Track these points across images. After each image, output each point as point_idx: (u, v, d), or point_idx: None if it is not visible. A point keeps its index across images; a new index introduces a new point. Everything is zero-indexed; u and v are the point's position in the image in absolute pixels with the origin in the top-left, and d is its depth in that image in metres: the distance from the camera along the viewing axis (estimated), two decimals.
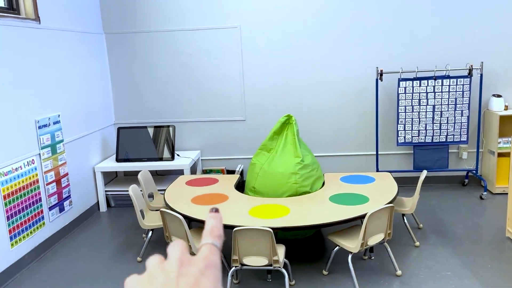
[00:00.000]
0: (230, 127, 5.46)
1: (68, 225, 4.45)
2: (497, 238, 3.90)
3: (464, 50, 5.04)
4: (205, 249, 0.46)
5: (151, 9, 5.24)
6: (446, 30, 5.02)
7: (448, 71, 4.94)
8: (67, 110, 4.50)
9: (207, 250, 0.46)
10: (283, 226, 3.12)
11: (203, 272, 0.43)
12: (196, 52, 5.30)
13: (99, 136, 5.16)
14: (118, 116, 5.53)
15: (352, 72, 5.20)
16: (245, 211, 3.41)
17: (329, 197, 3.61)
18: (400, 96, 4.96)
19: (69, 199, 4.49)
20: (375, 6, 5.04)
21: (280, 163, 3.86)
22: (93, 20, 5.12)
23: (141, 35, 5.32)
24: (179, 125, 5.48)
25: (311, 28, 5.15)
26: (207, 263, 0.44)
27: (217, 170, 5.43)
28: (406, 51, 5.10)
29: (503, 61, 5.03)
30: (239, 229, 2.92)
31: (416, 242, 3.83)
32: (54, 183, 4.21)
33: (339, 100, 5.27)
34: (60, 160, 4.32)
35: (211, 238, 0.48)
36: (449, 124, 4.96)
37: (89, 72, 4.98)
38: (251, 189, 3.97)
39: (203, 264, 0.44)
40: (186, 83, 5.39)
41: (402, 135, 5.04)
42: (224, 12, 5.19)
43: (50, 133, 4.16)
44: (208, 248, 0.46)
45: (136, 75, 5.42)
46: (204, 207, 3.54)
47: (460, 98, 4.90)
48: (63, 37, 4.46)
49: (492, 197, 4.89)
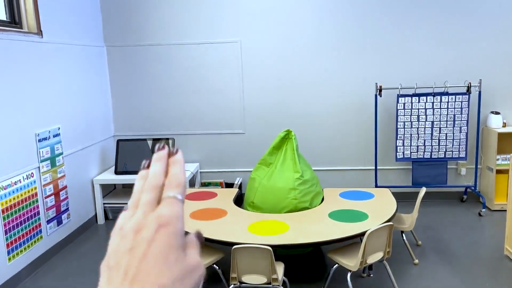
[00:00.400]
0: (229, 140, 5.47)
1: (65, 239, 4.43)
2: (495, 256, 3.90)
3: (463, 67, 5.08)
4: (163, 206, 0.40)
5: (153, 22, 5.28)
6: (445, 47, 5.07)
7: (447, 88, 4.97)
8: (67, 122, 4.50)
9: (165, 207, 0.40)
10: (283, 244, 3.11)
11: (154, 238, 0.38)
12: (196, 65, 5.33)
13: (98, 148, 5.16)
14: (118, 129, 5.54)
15: (351, 87, 5.23)
16: (244, 227, 3.41)
17: (329, 214, 3.61)
18: (399, 112, 4.99)
19: (67, 212, 4.47)
20: (375, 22, 5.08)
21: (279, 178, 3.87)
22: (94, 33, 5.15)
23: (142, 48, 5.34)
24: (179, 137, 5.48)
25: (311, 44, 5.18)
26: (160, 222, 0.39)
27: (215, 183, 5.42)
28: (405, 68, 5.13)
29: (501, 78, 5.07)
30: (238, 247, 2.92)
31: (415, 259, 3.82)
32: (52, 196, 4.20)
33: (339, 115, 5.29)
34: (59, 173, 4.32)
35: (172, 190, 0.41)
36: (447, 140, 4.98)
37: (89, 84, 5.00)
38: (250, 204, 3.96)
39: (155, 225, 0.39)
40: (186, 96, 5.41)
41: (401, 151, 5.06)
42: (225, 26, 5.22)
43: (50, 146, 4.16)
44: (168, 204, 0.40)
45: (136, 87, 5.44)
46: (203, 222, 3.53)
47: (459, 115, 4.93)
48: (64, 51, 4.48)
49: (490, 214, 4.89)
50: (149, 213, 0.40)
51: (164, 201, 0.41)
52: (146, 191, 0.42)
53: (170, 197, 0.41)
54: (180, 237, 0.39)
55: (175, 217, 0.40)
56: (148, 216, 0.40)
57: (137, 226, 0.39)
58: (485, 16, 4.98)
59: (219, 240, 3.20)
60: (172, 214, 0.40)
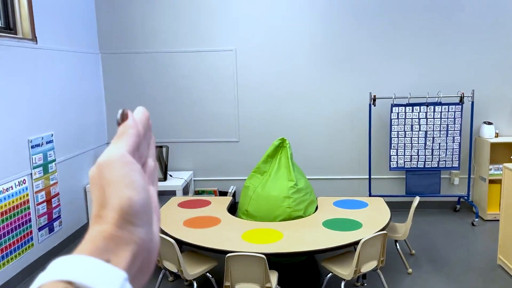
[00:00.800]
0: (224, 148, 5.46)
1: (57, 246, 4.38)
2: (488, 266, 3.90)
3: (456, 77, 5.13)
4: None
5: (148, 30, 5.29)
6: (438, 58, 5.12)
7: (440, 98, 5.01)
8: (60, 129, 4.48)
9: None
10: (276, 252, 3.09)
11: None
12: (191, 73, 5.34)
13: (91, 155, 5.13)
14: (112, 136, 5.51)
15: (345, 96, 5.26)
16: (238, 235, 3.39)
17: (323, 222, 3.60)
18: (393, 122, 5.01)
19: (59, 219, 4.43)
20: (369, 33, 5.12)
21: (273, 187, 3.86)
22: (89, 40, 5.15)
23: (137, 56, 5.34)
24: (173, 145, 5.47)
25: (306, 53, 5.21)
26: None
27: (209, 191, 5.40)
28: (399, 77, 5.17)
29: (493, 89, 5.12)
30: (232, 255, 2.90)
31: (408, 269, 3.82)
32: (44, 203, 4.16)
33: (333, 124, 5.31)
34: (51, 179, 4.28)
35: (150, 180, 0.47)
36: (441, 150, 5.01)
37: (84, 91, 4.98)
38: (244, 212, 3.95)
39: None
40: (181, 104, 5.40)
41: (394, 160, 5.07)
42: (220, 35, 5.24)
43: (42, 152, 4.13)
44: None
45: (131, 95, 5.43)
46: (196, 230, 3.51)
47: (452, 125, 4.96)
48: (59, 57, 4.47)
49: (483, 224, 4.91)
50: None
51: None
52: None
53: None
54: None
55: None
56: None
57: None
58: (478, 28, 5.04)
59: (213, 248, 3.18)
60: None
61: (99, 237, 0.39)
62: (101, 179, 0.41)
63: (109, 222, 0.39)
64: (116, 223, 0.39)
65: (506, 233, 3.78)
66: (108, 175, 0.41)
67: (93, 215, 0.41)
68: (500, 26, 5.03)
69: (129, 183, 0.41)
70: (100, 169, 0.42)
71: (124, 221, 0.40)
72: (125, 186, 0.40)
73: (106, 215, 0.40)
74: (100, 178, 0.41)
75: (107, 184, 0.41)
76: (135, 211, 0.40)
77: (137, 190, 0.41)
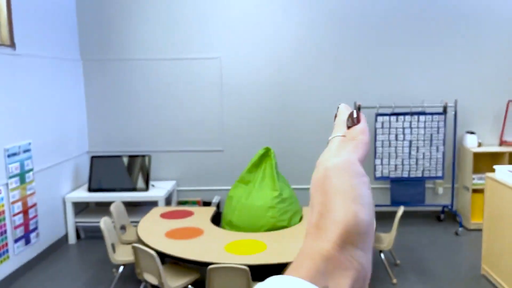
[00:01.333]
0: (208, 157, 5.39)
1: (34, 259, 4.24)
2: (472, 276, 3.89)
3: (439, 87, 5.16)
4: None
5: (131, 37, 5.22)
6: (422, 68, 5.15)
7: (424, 108, 5.03)
8: (39, 137, 4.36)
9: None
10: (259, 264, 3.03)
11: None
12: (175, 81, 5.27)
13: (71, 165, 5.01)
14: (92, 145, 5.40)
15: (330, 105, 5.24)
16: (221, 246, 3.32)
17: None
18: (378, 131, 5.01)
19: (37, 231, 4.29)
20: (354, 43, 5.14)
21: (258, 197, 3.80)
22: (71, 46, 5.05)
23: (120, 63, 5.26)
24: (156, 154, 5.37)
25: (291, 62, 5.20)
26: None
27: (193, 201, 5.31)
28: (384, 87, 5.18)
29: (476, 99, 5.16)
30: (214, 267, 2.82)
31: (393, 279, 3.78)
32: (21, 214, 4.03)
33: (317, 133, 5.29)
34: (28, 189, 4.15)
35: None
36: (425, 159, 5.02)
37: (64, 99, 4.87)
38: (228, 223, 3.88)
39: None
40: (164, 112, 5.32)
41: (379, 169, 5.06)
42: (205, 43, 5.20)
43: (19, 161, 4.00)
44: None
45: (113, 103, 5.33)
46: (178, 241, 3.42)
47: (436, 134, 4.98)
48: (39, 64, 4.36)
49: (467, 233, 4.91)
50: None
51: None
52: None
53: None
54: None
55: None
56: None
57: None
58: (461, 39, 5.09)
59: (194, 260, 3.10)
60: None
61: (318, 256, 0.35)
62: (326, 184, 0.39)
63: (330, 240, 0.36)
64: (338, 241, 0.36)
65: (489, 243, 3.78)
66: (336, 181, 0.38)
67: (311, 223, 0.38)
68: (483, 37, 5.09)
69: (357, 197, 0.37)
70: (327, 173, 0.39)
71: (346, 241, 0.36)
72: (353, 200, 0.37)
73: (327, 228, 0.36)
74: (325, 183, 0.39)
75: (332, 192, 0.38)
76: (359, 230, 0.36)
77: (365, 207, 0.37)
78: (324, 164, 0.39)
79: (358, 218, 0.36)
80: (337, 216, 0.36)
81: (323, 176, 0.39)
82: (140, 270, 3.22)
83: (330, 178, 0.38)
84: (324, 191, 0.38)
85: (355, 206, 0.36)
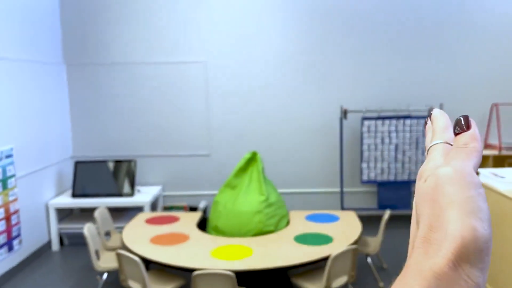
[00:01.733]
0: (194, 162, 5.35)
1: (16, 266, 4.15)
2: None
3: (425, 91, 5.20)
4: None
5: (116, 40, 5.16)
6: (408, 72, 5.18)
7: (409, 112, 5.06)
8: (21, 143, 4.28)
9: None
10: (246, 269, 3.00)
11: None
12: (160, 85, 5.23)
13: (54, 170, 4.93)
14: (76, 150, 5.32)
15: (317, 110, 5.25)
16: (207, 252, 3.28)
17: (294, 237, 3.53)
18: (364, 135, 5.02)
19: (19, 237, 4.20)
20: (340, 46, 5.15)
21: (244, 201, 3.77)
22: (54, 50, 4.98)
23: (104, 67, 5.20)
24: (141, 159, 5.31)
25: (277, 66, 5.19)
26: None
27: (178, 206, 5.26)
28: (370, 91, 5.20)
29: (461, 102, 5.21)
30: (199, 273, 2.78)
31: (380, 283, 3.78)
32: (3, 221, 3.94)
33: (304, 137, 5.28)
34: (10, 196, 4.07)
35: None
36: (411, 163, 5.04)
37: (47, 103, 4.79)
38: (214, 228, 3.84)
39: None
40: (150, 117, 5.27)
41: (366, 173, 5.07)
42: (191, 46, 5.17)
43: (1, 167, 3.92)
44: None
45: (98, 107, 5.26)
46: (163, 247, 3.38)
47: (422, 138, 5.01)
48: (20, 68, 4.29)
49: None
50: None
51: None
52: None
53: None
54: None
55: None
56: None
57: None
58: (446, 43, 5.14)
59: (180, 266, 3.06)
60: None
61: (430, 274, 0.32)
62: (437, 195, 0.35)
63: (444, 256, 0.32)
64: (453, 258, 0.32)
65: None
66: (450, 192, 0.35)
67: (420, 235, 0.35)
68: (467, 41, 5.14)
69: (474, 211, 0.34)
70: (439, 182, 0.35)
71: (462, 258, 0.32)
72: (470, 214, 0.33)
73: (440, 243, 0.33)
74: (436, 193, 0.35)
75: (446, 203, 0.34)
76: (477, 247, 0.33)
77: (484, 222, 0.33)
78: (433, 173, 0.36)
79: (477, 233, 0.33)
80: (452, 229, 0.33)
81: (433, 186, 0.35)
82: (124, 277, 3.16)
83: (442, 188, 0.35)
84: (434, 202, 0.35)
85: (472, 220, 0.33)
